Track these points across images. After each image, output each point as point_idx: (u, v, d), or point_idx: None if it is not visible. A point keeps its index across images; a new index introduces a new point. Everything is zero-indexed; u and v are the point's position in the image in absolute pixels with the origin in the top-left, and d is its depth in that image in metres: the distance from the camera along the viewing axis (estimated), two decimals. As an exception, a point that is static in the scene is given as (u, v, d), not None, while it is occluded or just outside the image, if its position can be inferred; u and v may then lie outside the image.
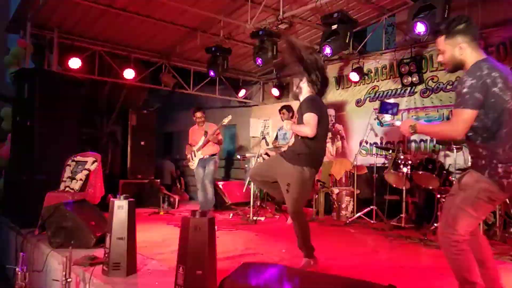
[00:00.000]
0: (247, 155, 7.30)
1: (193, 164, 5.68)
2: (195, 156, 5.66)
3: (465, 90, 1.95)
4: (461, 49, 2.07)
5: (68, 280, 2.59)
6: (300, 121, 3.10)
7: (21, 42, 6.22)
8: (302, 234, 3.14)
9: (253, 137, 8.90)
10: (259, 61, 5.92)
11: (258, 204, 6.00)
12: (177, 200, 6.99)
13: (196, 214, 2.26)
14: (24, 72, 5.38)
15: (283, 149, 6.03)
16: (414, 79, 6.28)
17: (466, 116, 1.96)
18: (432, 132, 2.16)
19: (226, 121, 5.64)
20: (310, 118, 2.99)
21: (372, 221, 5.39)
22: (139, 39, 7.17)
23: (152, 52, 7.73)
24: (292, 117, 6.26)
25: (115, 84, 8.22)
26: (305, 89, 3.17)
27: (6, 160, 5.83)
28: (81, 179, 4.40)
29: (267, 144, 6.27)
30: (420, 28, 4.30)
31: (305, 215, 3.29)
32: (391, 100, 6.70)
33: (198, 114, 5.74)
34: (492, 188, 1.96)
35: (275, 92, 8.52)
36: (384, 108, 2.55)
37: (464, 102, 1.95)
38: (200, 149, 5.61)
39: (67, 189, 4.36)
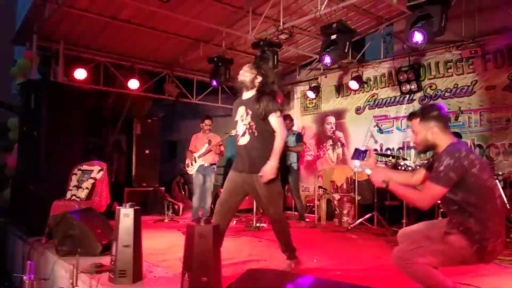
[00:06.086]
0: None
1: (192, 169, 5.71)
2: (195, 162, 5.70)
3: (441, 168, 2.08)
4: (433, 133, 2.22)
5: (75, 288, 2.62)
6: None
7: (27, 53, 6.32)
8: (289, 236, 3.27)
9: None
10: (260, 70, 5.99)
11: (261, 210, 6.04)
12: (181, 207, 7.05)
13: (201, 221, 2.30)
14: (31, 83, 5.45)
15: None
16: (412, 86, 6.34)
17: (435, 192, 2.10)
18: (401, 194, 2.23)
19: (234, 132, 5.69)
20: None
21: (373, 227, 5.42)
22: (143, 50, 7.28)
23: (156, 63, 7.84)
24: (291, 126, 6.31)
25: (120, 94, 8.32)
26: None
27: (13, 169, 5.93)
28: (87, 188, 4.47)
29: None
30: (418, 37, 4.34)
31: None
32: (391, 108, 6.79)
33: (208, 122, 5.81)
34: (473, 259, 2.06)
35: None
36: (354, 155, 2.64)
37: (437, 178, 2.09)
38: (202, 156, 5.68)
39: (73, 197, 4.43)
